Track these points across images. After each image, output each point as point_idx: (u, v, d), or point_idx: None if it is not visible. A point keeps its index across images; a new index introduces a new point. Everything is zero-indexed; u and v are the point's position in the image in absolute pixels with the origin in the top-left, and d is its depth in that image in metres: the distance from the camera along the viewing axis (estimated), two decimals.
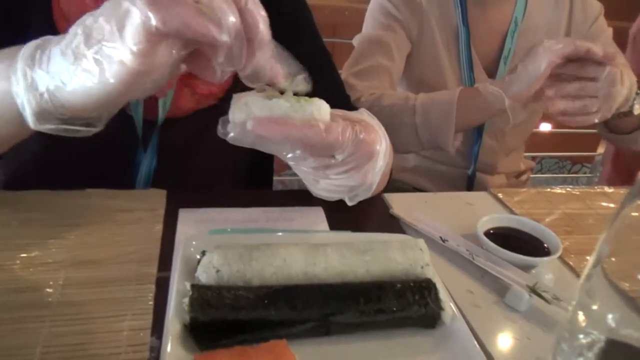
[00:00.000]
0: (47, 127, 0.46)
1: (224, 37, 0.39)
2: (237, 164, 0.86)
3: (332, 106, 0.51)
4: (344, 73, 1.03)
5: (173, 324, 0.45)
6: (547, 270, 0.62)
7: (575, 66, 0.80)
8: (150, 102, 0.72)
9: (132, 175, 0.75)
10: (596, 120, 0.81)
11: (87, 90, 0.42)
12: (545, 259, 0.62)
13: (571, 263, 0.66)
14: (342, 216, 0.69)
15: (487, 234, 0.67)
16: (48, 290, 0.50)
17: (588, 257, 0.66)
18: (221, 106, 0.76)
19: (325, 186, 0.53)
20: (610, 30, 1.13)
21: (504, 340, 0.53)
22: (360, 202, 0.74)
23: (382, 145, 0.52)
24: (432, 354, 0.48)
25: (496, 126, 1.11)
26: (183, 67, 0.46)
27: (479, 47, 1.08)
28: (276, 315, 0.46)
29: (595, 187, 0.90)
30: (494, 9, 1.08)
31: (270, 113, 0.45)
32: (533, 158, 1.25)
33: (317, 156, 0.49)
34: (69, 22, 0.63)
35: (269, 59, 0.44)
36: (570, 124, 0.83)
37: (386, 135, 0.56)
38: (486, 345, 0.51)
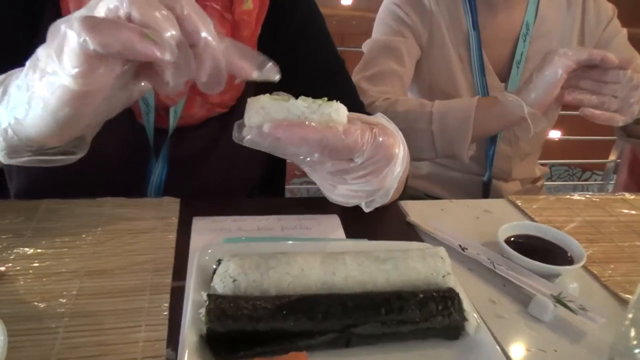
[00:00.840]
0: (20, 161, 0.46)
1: (167, 56, 0.38)
2: (248, 173, 0.85)
3: (347, 109, 0.50)
4: (354, 77, 1.02)
5: (189, 335, 0.44)
6: (571, 279, 0.60)
7: (598, 72, 0.79)
8: (162, 111, 0.71)
9: (143, 184, 0.74)
10: (620, 123, 0.79)
11: (41, 119, 0.42)
12: (569, 267, 0.60)
13: (595, 272, 0.64)
14: (358, 224, 0.68)
15: (508, 241, 0.65)
16: (61, 300, 0.49)
17: (612, 265, 0.65)
18: (232, 114, 0.75)
19: (343, 192, 0.51)
20: (624, 31, 1.11)
21: (530, 353, 0.51)
22: (376, 210, 0.72)
23: (401, 149, 0.51)
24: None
25: (511, 132, 1.10)
26: (143, 84, 0.45)
27: (491, 51, 1.07)
28: (295, 326, 0.45)
29: (615, 194, 0.88)
30: (504, 13, 1.07)
31: (287, 115, 0.44)
32: (543, 165, 1.24)
33: (335, 159, 0.47)
34: None
35: (223, 59, 0.42)
36: (595, 120, 0.81)
37: (404, 140, 0.55)
38: (512, 357, 0.49)
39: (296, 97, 0.46)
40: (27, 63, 0.42)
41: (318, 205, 0.70)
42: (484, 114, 0.89)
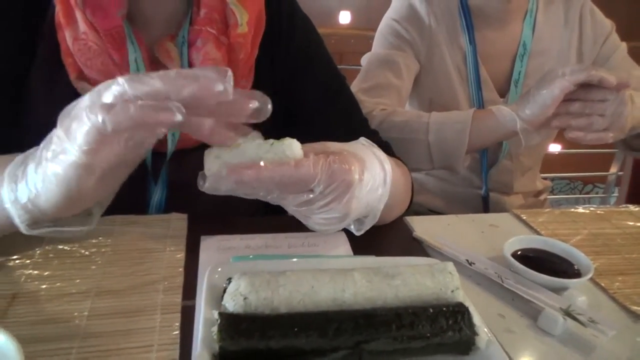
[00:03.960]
0: (39, 232, 0.49)
1: (178, 117, 0.42)
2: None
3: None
4: (353, 89, 1.04)
5: (202, 354, 0.44)
6: (579, 292, 0.61)
7: (585, 91, 0.80)
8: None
9: (144, 207, 0.75)
10: (610, 140, 0.81)
11: (55, 194, 0.45)
12: (577, 280, 0.61)
13: (603, 284, 0.64)
14: (364, 240, 0.68)
15: (515, 255, 0.65)
16: (74, 322, 0.49)
17: (620, 278, 0.65)
18: None
19: (317, 220, 0.54)
20: (623, 46, 1.13)
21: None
22: (383, 226, 0.73)
23: (369, 172, 0.54)
24: None
25: (512, 146, 1.11)
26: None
27: (490, 67, 1.09)
28: (307, 343, 0.45)
29: (620, 207, 0.88)
30: (500, 29, 1.09)
31: (242, 159, 0.48)
32: (545, 179, 1.24)
33: (294, 193, 0.50)
34: (72, 57, 0.66)
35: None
36: (584, 142, 0.83)
37: (386, 163, 0.57)
38: None
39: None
40: (42, 144, 0.46)
41: None
42: (480, 126, 0.91)
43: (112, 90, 0.42)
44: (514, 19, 1.09)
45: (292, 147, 0.49)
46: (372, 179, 0.54)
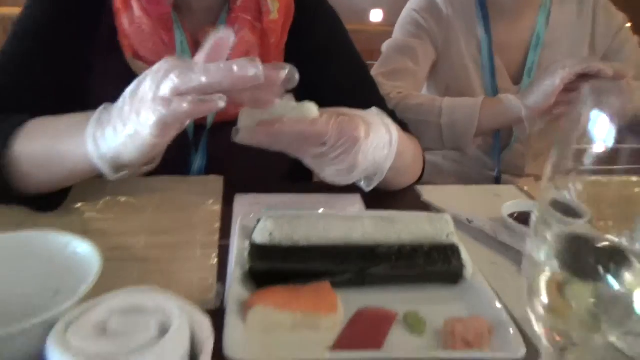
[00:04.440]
0: (119, 176, 0.61)
1: (221, 104, 0.52)
2: (279, 164, 0.95)
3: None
4: (372, 73, 1.13)
5: (235, 271, 0.54)
6: None
7: (583, 81, 0.88)
8: None
9: (186, 173, 0.86)
10: None
11: (132, 155, 0.58)
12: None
13: None
14: (377, 202, 0.77)
15: (511, 216, 0.73)
16: (133, 250, 0.61)
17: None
18: None
19: (330, 172, 0.65)
20: (635, 40, 1.19)
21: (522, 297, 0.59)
22: (394, 192, 0.82)
23: (375, 133, 0.64)
24: (455, 303, 0.55)
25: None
26: None
27: (504, 56, 1.16)
28: (321, 266, 0.55)
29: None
30: (515, 20, 1.16)
31: (269, 117, 0.59)
32: None
33: (310, 146, 0.61)
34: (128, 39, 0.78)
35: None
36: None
37: (392, 128, 0.67)
38: (503, 299, 0.57)
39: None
40: (115, 112, 0.58)
41: (342, 189, 0.80)
42: (488, 111, 1.00)
43: (168, 84, 0.53)
44: (529, 11, 1.16)
45: (310, 108, 0.60)
46: (378, 139, 0.64)
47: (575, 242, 0.31)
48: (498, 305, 0.53)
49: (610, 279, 0.30)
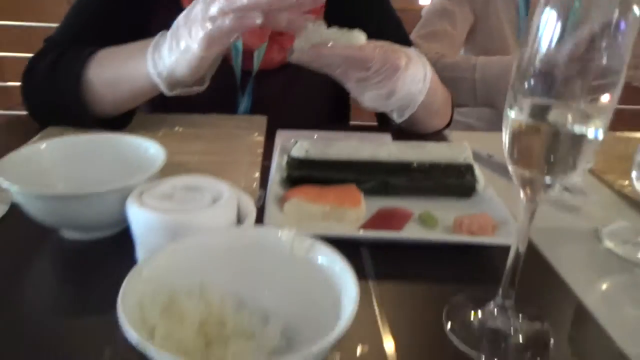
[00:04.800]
0: (176, 92, 0.72)
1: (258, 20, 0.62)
2: (318, 108, 1.04)
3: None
4: (412, 36, 1.19)
5: (275, 177, 0.64)
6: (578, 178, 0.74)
7: None
8: (248, 55, 0.92)
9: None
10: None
11: (184, 71, 0.68)
12: None
13: (607, 179, 0.77)
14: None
15: None
16: (188, 165, 0.71)
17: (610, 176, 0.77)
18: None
19: (370, 96, 0.72)
20: None
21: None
22: (423, 135, 0.89)
23: (413, 66, 0.71)
24: (466, 209, 0.62)
25: None
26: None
27: None
28: (348, 175, 0.63)
29: None
30: None
31: (322, 40, 0.66)
32: None
33: (355, 69, 0.69)
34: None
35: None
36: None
37: (427, 67, 0.75)
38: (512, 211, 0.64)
39: None
40: (170, 33, 0.69)
41: (374, 130, 0.88)
42: None
43: (216, 5, 0.63)
44: None
45: (358, 36, 0.68)
46: (415, 72, 0.72)
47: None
48: (504, 207, 0.59)
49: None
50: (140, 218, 0.47)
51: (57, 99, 0.77)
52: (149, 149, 0.59)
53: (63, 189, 0.57)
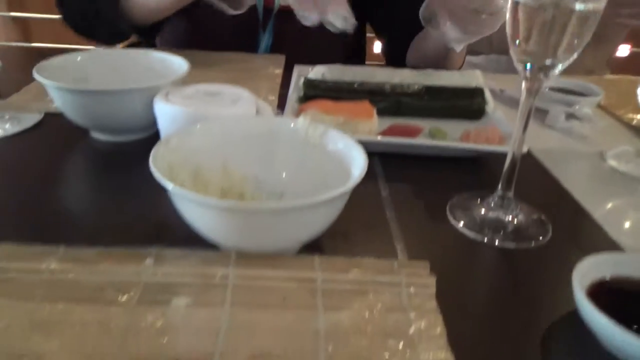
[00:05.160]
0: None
1: None
2: (336, 52, 1.05)
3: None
4: None
5: (292, 96, 0.67)
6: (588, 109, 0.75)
7: None
8: None
9: (254, 52, 0.99)
10: None
11: None
12: (587, 98, 0.75)
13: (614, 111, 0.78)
14: None
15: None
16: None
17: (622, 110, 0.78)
18: None
19: (473, 28, 0.73)
20: None
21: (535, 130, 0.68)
22: None
23: None
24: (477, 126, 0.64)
25: None
26: None
27: None
28: (362, 96, 0.66)
29: None
30: None
31: None
32: None
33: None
34: None
35: None
36: None
37: None
38: None
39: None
40: None
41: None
42: None
43: None
44: None
45: None
46: None
47: None
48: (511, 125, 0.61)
49: None
50: (167, 112, 0.51)
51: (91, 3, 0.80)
52: (173, 61, 0.62)
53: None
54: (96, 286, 0.35)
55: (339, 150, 0.43)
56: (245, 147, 0.46)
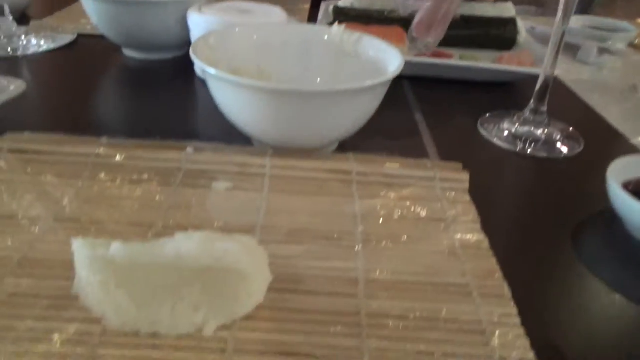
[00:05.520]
0: None
1: None
2: None
3: None
4: None
5: (321, 20, 0.66)
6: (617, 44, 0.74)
7: None
8: None
9: None
10: None
11: None
12: (621, 34, 0.74)
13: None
14: None
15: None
16: None
17: None
18: None
19: None
20: None
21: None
22: None
23: None
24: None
25: None
26: None
27: None
28: (392, 22, 0.65)
29: None
30: None
31: None
32: None
33: None
34: None
35: None
36: None
37: None
38: None
39: None
40: None
41: None
42: None
43: None
44: None
45: None
46: None
47: None
48: (541, 51, 0.61)
49: None
50: (200, 23, 0.51)
51: None
52: None
53: None
54: (140, 169, 0.36)
55: (374, 56, 0.44)
56: (281, 53, 0.46)
